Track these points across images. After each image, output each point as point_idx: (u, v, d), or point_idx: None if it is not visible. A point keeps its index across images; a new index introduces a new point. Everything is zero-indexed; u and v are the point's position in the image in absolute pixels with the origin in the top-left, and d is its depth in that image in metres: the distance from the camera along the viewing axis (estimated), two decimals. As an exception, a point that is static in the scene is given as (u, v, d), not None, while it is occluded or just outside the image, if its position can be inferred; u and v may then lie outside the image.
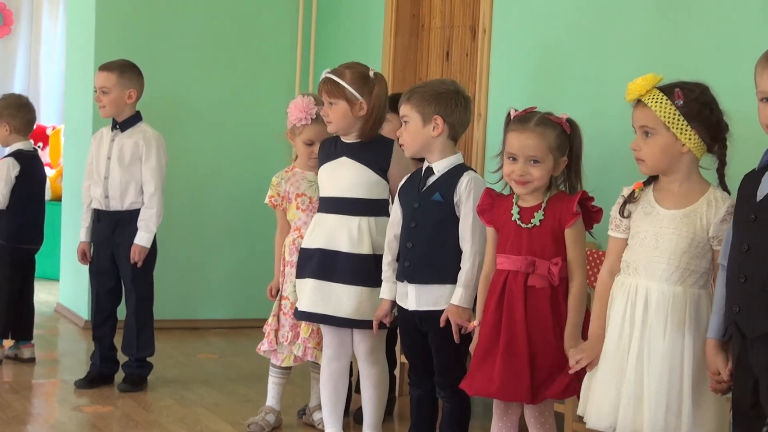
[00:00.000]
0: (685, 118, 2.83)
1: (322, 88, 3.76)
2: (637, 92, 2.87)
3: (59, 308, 6.64)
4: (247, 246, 6.20)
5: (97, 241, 4.79)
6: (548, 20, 4.61)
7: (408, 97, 3.50)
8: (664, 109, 2.83)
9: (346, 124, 3.75)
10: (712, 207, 2.83)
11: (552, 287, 3.11)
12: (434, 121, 3.44)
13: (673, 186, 2.89)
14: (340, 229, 3.70)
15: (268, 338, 4.11)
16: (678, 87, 2.85)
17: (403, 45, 5.60)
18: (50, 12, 9.70)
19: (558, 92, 4.45)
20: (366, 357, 3.79)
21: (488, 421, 3.32)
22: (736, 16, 3.71)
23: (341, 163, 3.76)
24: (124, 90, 4.69)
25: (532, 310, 3.11)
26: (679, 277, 2.83)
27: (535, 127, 3.14)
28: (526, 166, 3.13)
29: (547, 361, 3.09)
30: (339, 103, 3.73)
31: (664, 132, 2.85)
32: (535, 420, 3.23)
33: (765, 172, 2.64)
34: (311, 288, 3.73)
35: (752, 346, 2.59)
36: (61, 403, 4.56)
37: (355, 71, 3.77)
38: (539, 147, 3.12)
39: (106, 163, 4.71)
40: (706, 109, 2.84)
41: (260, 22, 6.33)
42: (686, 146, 2.84)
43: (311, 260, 3.75)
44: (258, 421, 4.15)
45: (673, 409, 2.79)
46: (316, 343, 3.99)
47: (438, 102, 3.45)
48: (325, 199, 3.79)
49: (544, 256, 3.12)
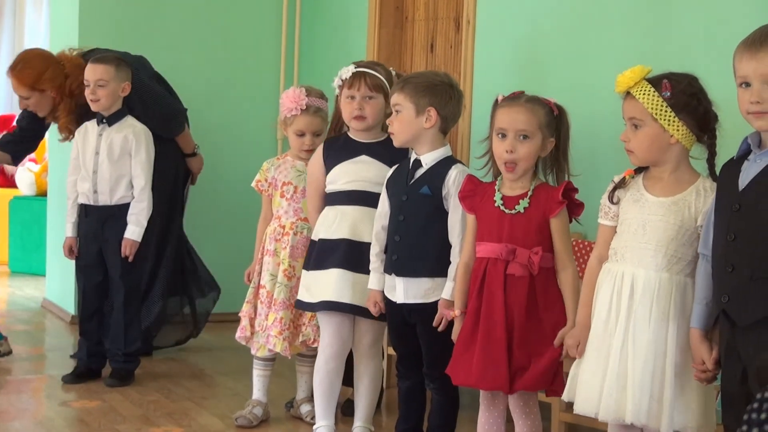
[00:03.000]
0: (673, 110, 2.84)
1: (359, 81, 3.70)
2: (626, 84, 2.89)
3: (46, 304, 6.62)
4: (233, 240, 6.19)
5: (85, 236, 4.78)
6: (533, 11, 4.62)
7: (402, 86, 3.48)
8: (651, 101, 2.84)
9: (379, 120, 3.74)
10: (701, 196, 2.84)
11: (531, 277, 3.11)
12: (428, 112, 3.43)
13: (663, 175, 2.91)
14: (365, 221, 3.67)
15: (241, 325, 4.14)
16: (666, 78, 2.86)
17: (387, 37, 5.59)
18: (34, 4, 9.66)
19: (542, 83, 4.46)
20: (367, 350, 3.78)
21: (476, 411, 3.33)
22: (726, 6, 3.72)
23: (362, 161, 3.73)
24: (120, 83, 4.69)
25: (511, 299, 3.11)
26: (666, 264, 2.84)
27: (525, 103, 3.16)
28: (515, 141, 3.13)
29: (521, 352, 3.10)
30: (379, 98, 3.72)
31: (651, 123, 2.86)
32: (519, 410, 3.24)
33: (743, 161, 2.66)
34: (337, 278, 3.66)
35: (741, 333, 2.61)
36: (49, 399, 4.55)
37: (385, 69, 3.80)
38: (529, 122, 3.13)
39: (95, 158, 4.70)
40: (694, 100, 2.85)
41: (245, 14, 6.31)
42: (674, 137, 2.85)
43: (335, 251, 3.68)
44: (245, 415, 4.15)
45: (656, 396, 2.81)
46: (278, 332, 4.00)
47: (433, 94, 3.45)
48: (347, 192, 3.71)
49: (526, 244, 3.11)
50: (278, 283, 4.03)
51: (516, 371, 3.10)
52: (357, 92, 3.71)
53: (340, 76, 3.76)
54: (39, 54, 5.09)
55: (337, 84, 3.78)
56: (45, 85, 4.94)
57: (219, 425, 4.16)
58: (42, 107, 5.03)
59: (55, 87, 4.95)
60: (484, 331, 3.12)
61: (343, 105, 3.76)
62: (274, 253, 4.09)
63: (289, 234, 4.10)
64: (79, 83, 4.84)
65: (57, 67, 4.97)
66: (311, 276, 3.75)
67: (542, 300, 3.12)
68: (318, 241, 3.75)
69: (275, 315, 4.01)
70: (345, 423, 4.06)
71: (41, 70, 4.94)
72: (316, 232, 3.78)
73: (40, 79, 4.93)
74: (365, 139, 3.77)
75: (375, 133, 3.78)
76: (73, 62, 5.01)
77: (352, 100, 3.72)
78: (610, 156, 3.85)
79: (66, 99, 4.95)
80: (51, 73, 4.95)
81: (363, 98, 3.71)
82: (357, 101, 3.71)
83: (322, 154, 3.82)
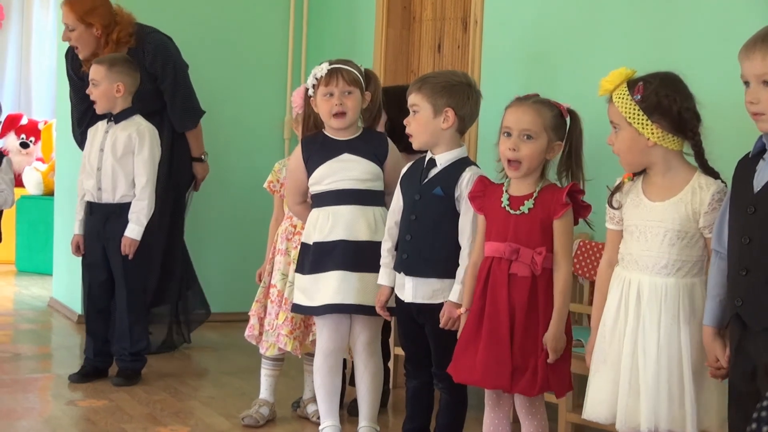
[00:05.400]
0: (644, 112, 2.83)
1: (336, 77, 3.68)
2: (606, 88, 2.89)
3: (53, 303, 6.63)
4: (241, 239, 6.20)
5: (89, 234, 4.79)
6: (539, 11, 4.61)
7: (419, 86, 3.45)
8: (624, 105, 2.85)
9: (357, 115, 3.74)
10: (697, 194, 2.82)
11: (533, 277, 3.11)
12: (445, 113, 3.42)
13: (657, 178, 2.89)
14: (359, 219, 3.67)
15: (250, 323, 4.14)
16: (642, 80, 2.84)
17: (394, 37, 5.59)
18: (41, 6, 9.67)
19: (550, 83, 4.45)
20: (366, 348, 3.78)
21: (482, 412, 3.32)
22: (732, 4, 3.72)
23: (345, 159, 3.72)
24: (113, 83, 4.69)
25: (514, 298, 3.11)
26: (670, 269, 2.83)
27: (532, 104, 3.15)
28: (518, 140, 3.12)
29: (518, 352, 3.09)
30: (356, 92, 3.72)
31: (627, 127, 2.86)
32: (526, 410, 3.23)
33: (759, 159, 2.64)
34: (338, 280, 3.64)
35: (752, 334, 2.60)
36: (55, 398, 4.55)
37: (355, 64, 3.78)
38: (534, 122, 3.12)
39: (99, 155, 4.71)
40: (666, 101, 2.82)
41: (252, 14, 6.32)
42: (651, 140, 2.84)
43: (332, 253, 3.66)
44: (252, 414, 4.15)
45: (676, 400, 2.79)
46: (289, 331, 4.00)
47: (451, 94, 3.42)
48: (335, 192, 3.70)
49: (529, 244, 3.11)
50: (289, 283, 4.03)
51: (514, 370, 3.09)
52: (335, 88, 3.69)
53: (314, 75, 3.73)
54: None
55: (311, 83, 3.75)
56: (94, 19, 5.04)
57: (225, 424, 4.16)
58: (84, 43, 5.09)
59: (102, 25, 5.05)
60: (488, 329, 3.12)
61: (321, 103, 3.72)
62: (286, 253, 4.09)
63: (300, 233, 4.09)
64: (126, 34, 4.99)
65: (110, 7, 5.10)
66: (308, 279, 3.72)
67: (542, 301, 3.11)
68: (313, 245, 3.72)
69: (286, 314, 4.00)
70: (351, 423, 4.06)
71: (95, 4, 5.05)
72: (308, 235, 3.75)
73: (92, 12, 5.03)
74: (343, 137, 3.76)
75: (352, 130, 3.78)
76: (124, 15, 5.15)
77: (331, 97, 3.69)
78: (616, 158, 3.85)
79: (110, 44, 5.03)
80: (103, 10, 5.07)
81: (342, 93, 3.70)
82: (336, 97, 3.69)
83: (302, 155, 3.78)
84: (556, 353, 3.08)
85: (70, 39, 5.13)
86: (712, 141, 2.91)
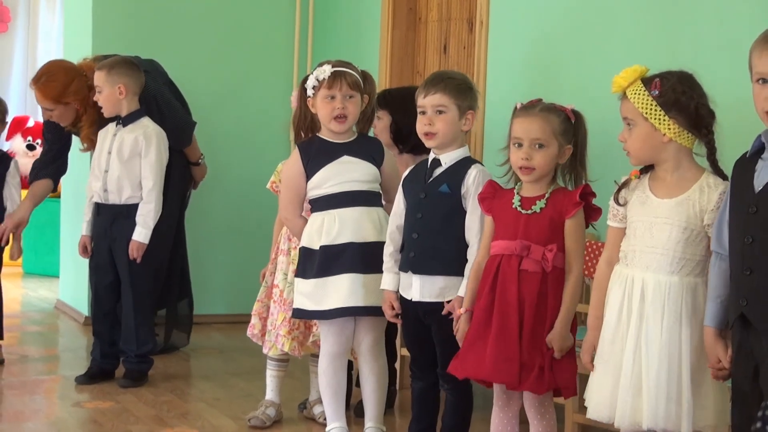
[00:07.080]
0: (662, 108, 2.83)
1: (340, 81, 3.67)
2: (620, 85, 2.89)
3: (59, 305, 6.64)
4: (245, 241, 6.20)
5: (96, 235, 4.80)
6: (545, 12, 4.61)
7: (443, 87, 3.43)
8: (641, 100, 2.85)
9: (356, 119, 3.74)
10: (705, 193, 2.83)
11: (543, 273, 3.11)
12: (467, 115, 3.44)
13: (665, 175, 2.90)
14: (365, 220, 3.67)
15: (252, 322, 4.15)
16: (658, 77, 2.85)
17: (400, 38, 5.59)
18: (48, 8, 9.68)
19: (556, 84, 4.45)
20: (370, 349, 3.78)
21: (489, 412, 3.32)
22: (738, 5, 3.71)
23: (345, 161, 3.72)
24: (114, 86, 4.68)
25: (523, 295, 3.11)
26: (675, 267, 2.83)
27: (539, 112, 3.16)
28: (530, 150, 3.13)
29: (526, 349, 3.09)
30: (357, 96, 3.72)
31: (643, 123, 2.86)
32: (535, 410, 3.23)
33: (757, 159, 2.64)
34: (349, 283, 3.62)
35: (755, 333, 2.59)
36: (62, 399, 4.56)
37: (354, 66, 3.77)
38: (543, 130, 3.13)
39: (107, 157, 4.72)
40: (684, 97, 2.83)
41: (257, 17, 6.32)
42: (667, 136, 2.84)
43: (340, 256, 3.63)
44: (258, 415, 4.15)
45: (674, 399, 2.80)
46: (287, 332, 4.00)
47: (472, 97, 3.47)
48: (339, 194, 3.69)
49: (540, 242, 3.11)
50: (289, 283, 4.03)
51: (522, 368, 3.09)
52: (338, 92, 3.68)
53: (316, 77, 3.71)
54: (62, 66, 5.05)
55: (312, 85, 3.72)
56: (69, 98, 4.93)
57: (232, 426, 4.16)
58: (65, 118, 5.03)
59: (79, 99, 4.95)
60: (497, 325, 3.11)
61: (322, 105, 3.70)
62: (288, 253, 4.09)
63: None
64: None
65: (81, 79, 4.96)
66: (314, 284, 3.68)
67: (551, 299, 3.12)
68: (320, 249, 3.67)
69: (285, 314, 4.00)
70: (358, 425, 4.05)
71: (66, 84, 4.92)
72: (311, 239, 3.70)
73: (65, 92, 4.92)
74: (340, 140, 3.75)
75: (349, 133, 3.77)
76: (93, 70, 4.99)
77: (332, 100, 3.68)
78: (623, 157, 3.83)
79: (90, 110, 4.94)
80: (75, 86, 4.94)
81: (344, 97, 3.69)
82: (338, 100, 3.68)
83: (300, 159, 3.75)
84: (560, 353, 3.09)
85: (51, 117, 5.05)
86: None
